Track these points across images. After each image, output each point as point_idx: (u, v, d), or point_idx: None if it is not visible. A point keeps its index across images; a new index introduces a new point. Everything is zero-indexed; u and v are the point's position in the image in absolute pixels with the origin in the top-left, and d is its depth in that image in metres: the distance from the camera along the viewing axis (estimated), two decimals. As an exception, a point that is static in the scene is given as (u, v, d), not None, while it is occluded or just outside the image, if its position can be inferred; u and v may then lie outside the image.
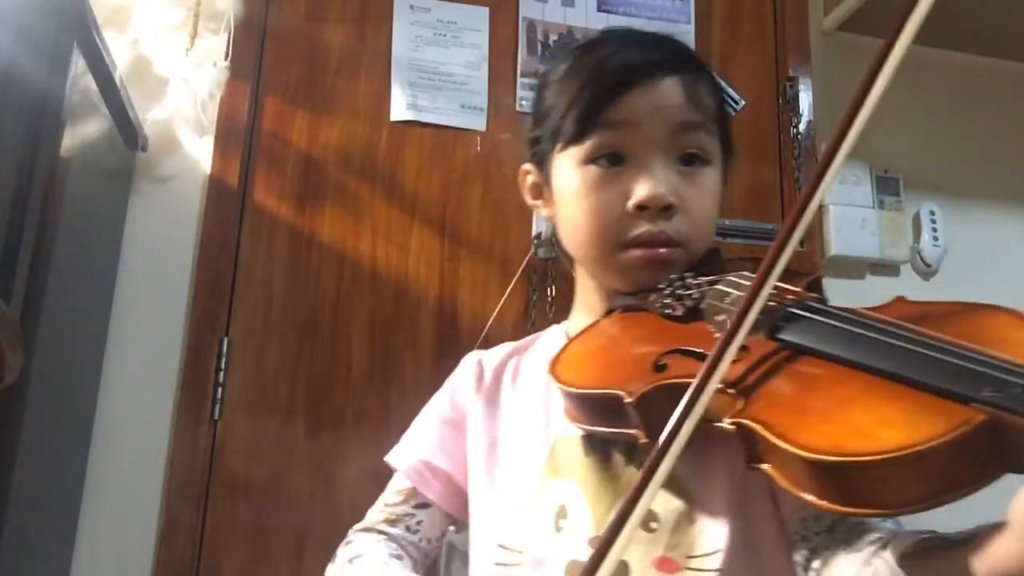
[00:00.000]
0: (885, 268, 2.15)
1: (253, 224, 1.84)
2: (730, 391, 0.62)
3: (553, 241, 1.91)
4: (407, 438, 0.95)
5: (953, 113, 2.28)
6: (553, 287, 1.90)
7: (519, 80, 2.01)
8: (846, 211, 2.11)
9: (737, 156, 0.90)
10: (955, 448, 0.51)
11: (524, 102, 2.00)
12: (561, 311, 1.89)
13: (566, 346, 0.80)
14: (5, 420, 1.20)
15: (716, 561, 0.71)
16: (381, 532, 0.89)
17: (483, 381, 0.91)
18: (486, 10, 2.04)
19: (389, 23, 1.99)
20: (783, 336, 0.65)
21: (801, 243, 0.70)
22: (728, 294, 0.72)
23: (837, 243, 2.08)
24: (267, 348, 1.79)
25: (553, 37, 2.05)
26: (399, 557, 0.85)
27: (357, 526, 0.92)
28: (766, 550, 0.73)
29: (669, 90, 0.80)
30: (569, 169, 0.83)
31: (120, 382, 1.70)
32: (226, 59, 1.85)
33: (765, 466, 0.60)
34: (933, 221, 2.17)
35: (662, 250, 0.80)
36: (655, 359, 0.70)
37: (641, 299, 0.79)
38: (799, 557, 0.71)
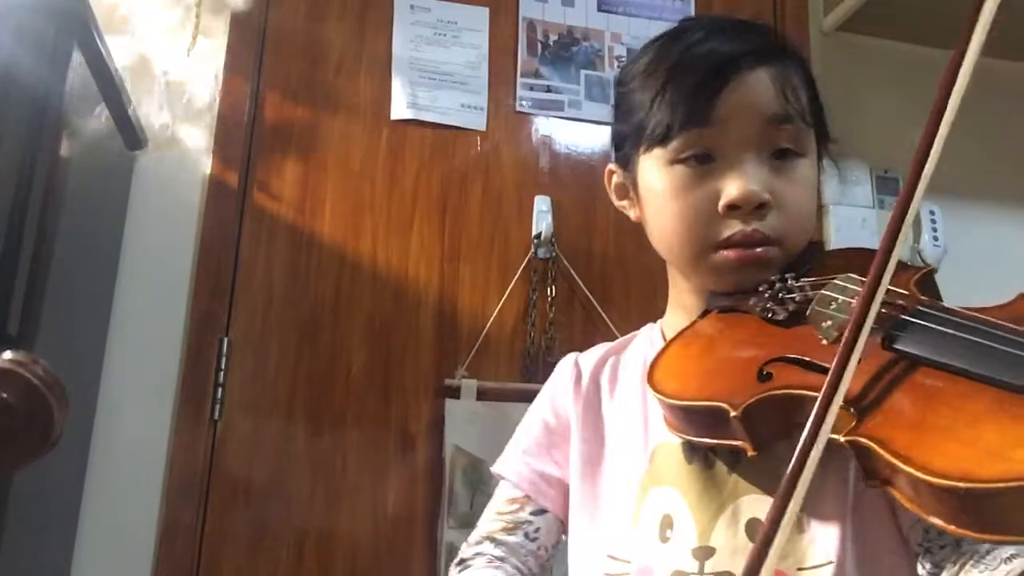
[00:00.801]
0: (885, 268, 2.15)
1: (253, 224, 1.84)
2: (846, 406, 0.58)
3: (552, 241, 1.92)
4: (513, 446, 0.92)
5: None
6: (553, 287, 1.90)
7: (519, 80, 2.01)
8: (846, 211, 2.11)
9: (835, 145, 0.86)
10: None
11: (524, 102, 2.01)
12: (561, 311, 1.90)
13: (663, 351, 0.76)
14: (5, 420, 1.20)
15: (828, 573, 0.68)
16: (498, 542, 0.86)
17: (581, 385, 0.89)
18: (486, 10, 2.04)
19: (389, 23, 1.99)
20: (899, 346, 0.61)
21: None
22: (835, 299, 0.68)
23: (837, 243, 2.08)
24: (267, 348, 1.79)
25: (553, 37, 2.05)
26: None
27: (472, 538, 0.89)
28: (881, 562, 0.69)
29: (757, 83, 0.76)
30: (656, 170, 0.80)
31: (120, 382, 1.70)
32: (227, 59, 1.85)
33: (882, 483, 0.56)
34: (933, 221, 2.17)
35: (758, 250, 0.76)
36: (759, 368, 0.66)
37: (740, 300, 0.76)
38: (923, 571, 0.67)
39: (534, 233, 1.91)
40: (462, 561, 0.87)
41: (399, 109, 1.95)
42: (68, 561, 1.59)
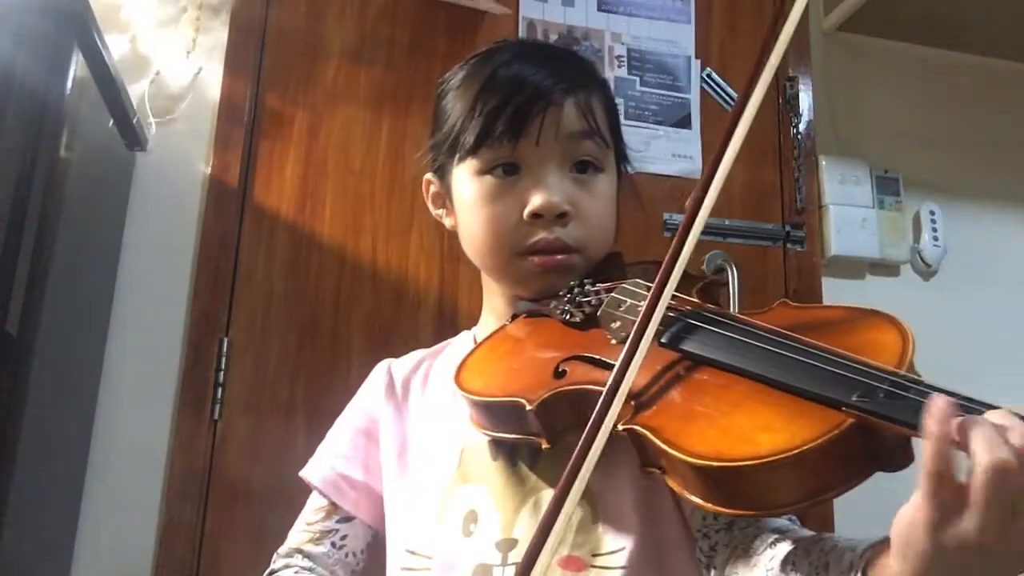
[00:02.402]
0: (885, 268, 2.15)
1: (253, 224, 1.84)
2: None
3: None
4: (321, 451, 0.95)
5: (953, 113, 2.28)
6: (553, 287, 1.90)
7: (519, 80, 2.01)
8: (846, 211, 2.11)
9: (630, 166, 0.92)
10: (828, 450, 0.54)
11: (524, 102, 2.00)
12: (561, 311, 1.90)
13: (470, 353, 0.82)
14: (5, 419, 1.20)
15: (621, 559, 0.73)
16: (305, 553, 0.89)
17: (393, 388, 0.93)
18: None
19: (389, 21, 1.99)
20: (673, 344, 0.68)
21: (801, 243, 0.71)
22: (623, 301, 0.75)
23: (837, 243, 2.08)
24: (267, 348, 1.79)
25: (553, 37, 2.05)
26: None
27: (281, 549, 0.93)
28: (671, 548, 0.75)
29: (560, 102, 0.82)
30: (466, 180, 0.85)
31: (120, 382, 1.70)
32: (227, 59, 1.85)
33: (656, 470, 0.63)
34: (933, 221, 2.17)
35: (559, 256, 0.82)
36: (555, 366, 0.72)
37: (543, 305, 0.82)
38: (700, 554, 0.72)
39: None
40: (272, 573, 0.90)
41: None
42: (68, 561, 1.59)
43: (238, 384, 1.76)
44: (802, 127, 2.10)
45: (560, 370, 0.72)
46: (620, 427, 0.63)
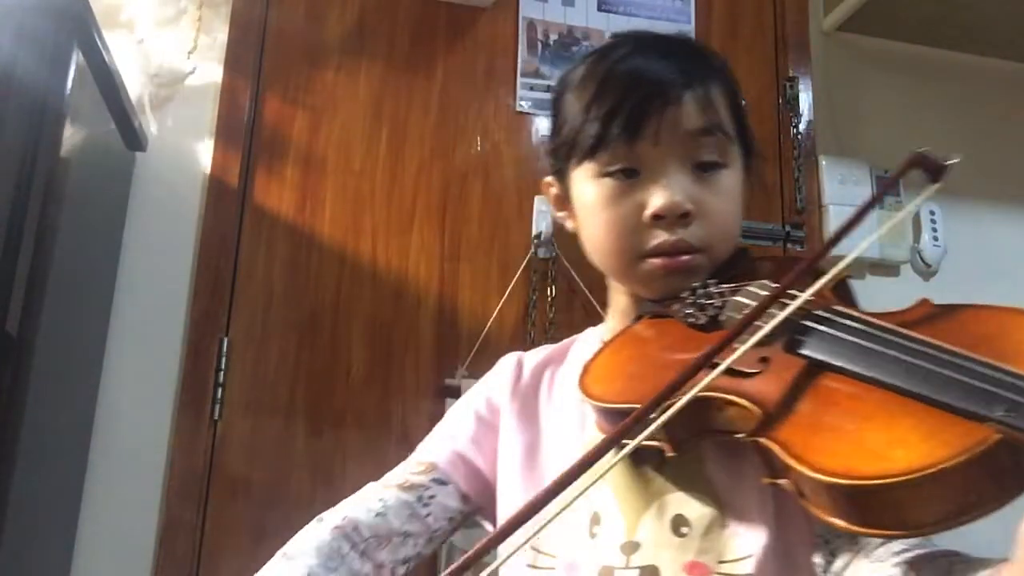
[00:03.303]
0: (885, 268, 2.15)
1: (253, 224, 1.84)
2: (748, 405, 0.62)
3: (553, 241, 1.92)
4: (439, 430, 0.92)
5: (953, 113, 2.28)
6: (553, 287, 1.90)
7: (519, 80, 2.01)
8: (846, 211, 2.10)
9: (760, 156, 0.89)
10: (970, 468, 0.50)
11: (524, 102, 2.01)
12: (561, 311, 1.90)
13: (595, 356, 0.79)
14: (5, 419, 1.20)
15: (748, 566, 0.71)
16: (382, 499, 0.86)
17: (520, 383, 0.90)
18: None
19: (390, 21, 1.99)
20: (801, 350, 0.64)
21: (801, 242, 0.71)
22: (748, 305, 0.71)
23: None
24: (267, 348, 1.79)
25: (553, 37, 2.05)
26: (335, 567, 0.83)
27: (371, 484, 0.90)
28: (799, 555, 0.72)
29: (679, 98, 0.79)
30: (586, 182, 0.83)
31: (120, 382, 1.70)
32: (227, 59, 1.85)
33: (784, 482, 0.59)
34: (933, 221, 2.17)
35: (683, 257, 0.79)
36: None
37: (666, 306, 0.79)
38: (819, 559, 0.70)
39: (534, 233, 1.91)
40: (328, 514, 0.88)
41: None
42: (68, 561, 1.59)
43: (238, 384, 1.76)
44: (802, 127, 2.10)
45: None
46: (746, 438, 0.61)
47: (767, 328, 0.61)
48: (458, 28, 2.03)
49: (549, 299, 1.89)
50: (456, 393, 1.76)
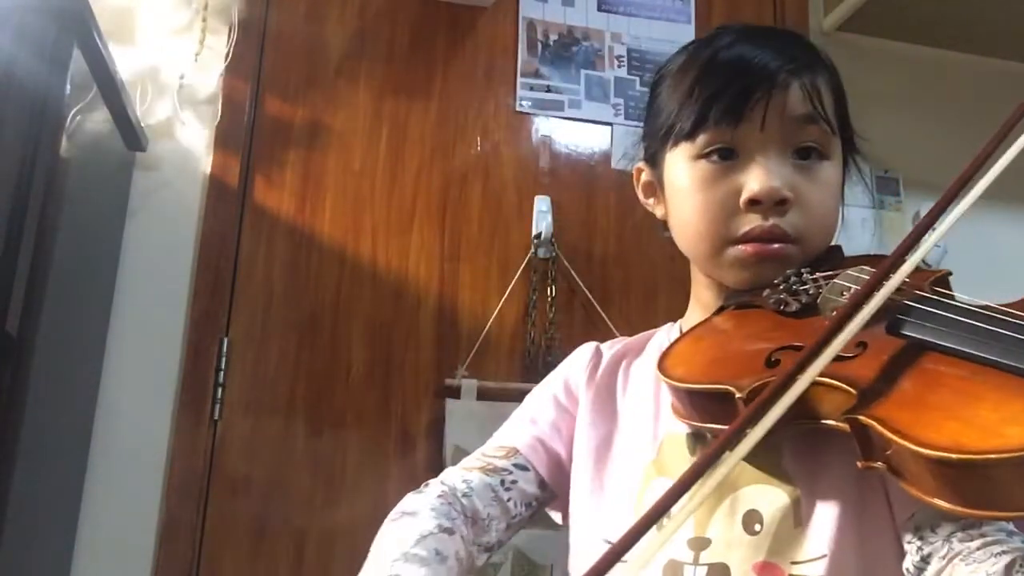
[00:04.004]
0: (885, 268, 2.15)
1: (253, 224, 1.84)
2: (846, 387, 0.59)
3: (552, 241, 1.92)
4: (519, 416, 0.91)
5: (953, 113, 2.28)
6: (553, 287, 1.90)
7: (519, 80, 2.01)
8: (846, 211, 2.09)
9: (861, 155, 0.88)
10: None
11: (524, 102, 2.01)
12: (561, 311, 1.90)
13: (676, 341, 0.78)
14: (5, 419, 1.20)
15: (821, 567, 0.68)
16: (468, 481, 0.83)
17: (597, 372, 0.89)
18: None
19: (389, 22, 1.99)
20: (903, 331, 0.62)
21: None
22: (847, 288, 0.69)
23: (836, 243, 2.08)
24: (267, 348, 1.79)
25: (553, 37, 2.05)
26: (449, 531, 0.77)
27: (452, 468, 0.87)
28: (877, 559, 0.69)
29: (784, 84, 0.77)
30: (680, 165, 0.81)
31: (120, 382, 1.70)
32: (227, 59, 1.85)
33: (880, 464, 0.57)
34: (933, 221, 2.17)
35: (775, 245, 0.76)
36: (768, 355, 0.67)
37: (755, 296, 0.76)
38: (909, 564, 0.66)
39: (534, 233, 1.91)
40: (426, 485, 0.85)
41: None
42: (68, 561, 1.59)
43: (238, 384, 1.76)
44: (802, 127, 2.10)
45: (773, 359, 0.66)
46: (842, 417, 0.58)
47: (872, 306, 0.57)
48: (458, 28, 2.03)
49: (549, 299, 1.89)
50: (456, 393, 1.77)
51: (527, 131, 2.01)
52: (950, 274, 0.74)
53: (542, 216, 1.92)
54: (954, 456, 0.51)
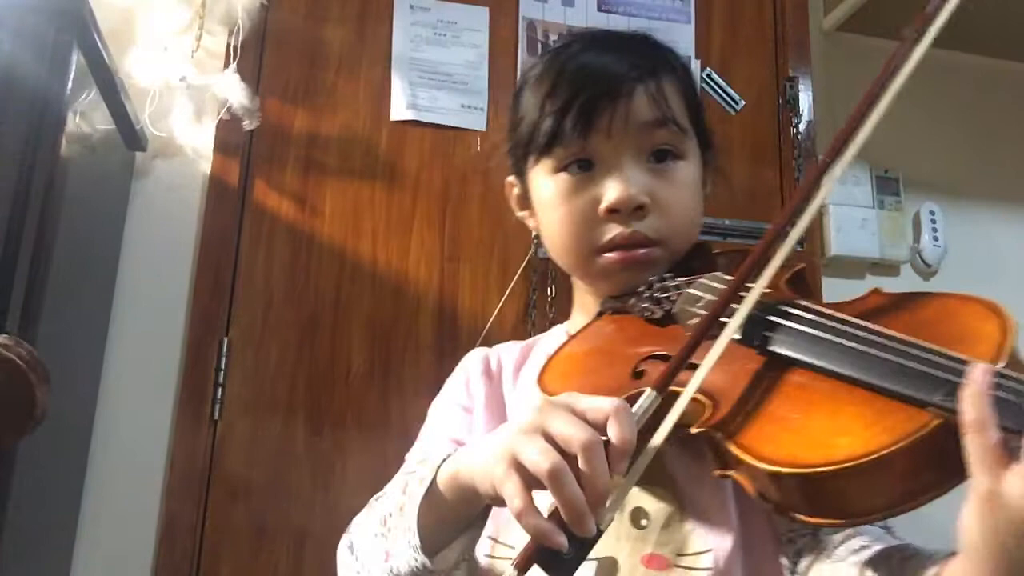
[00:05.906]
0: (885, 268, 2.16)
1: (253, 224, 1.84)
2: (701, 398, 0.61)
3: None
4: (429, 432, 0.92)
5: (953, 113, 2.28)
6: (553, 287, 1.89)
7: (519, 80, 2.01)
8: (846, 211, 2.11)
9: (722, 152, 0.89)
10: (912, 454, 0.50)
11: (524, 102, 2.00)
12: (561, 311, 1.89)
13: (555, 353, 0.80)
14: (5, 420, 1.20)
15: (707, 560, 0.70)
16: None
17: (491, 373, 0.91)
18: (486, 10, 2.04)
19: (389, 22, 1.99)
20: (754, 341, 0.64)
21: (800, 243, 0.71)
22: (700, 298, 0.72)
23: (837, 243, 2.08)
24: (267, 348, 1.79)
25: (553, 37, 2.05)
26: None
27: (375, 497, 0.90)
28: (759, 551, 0.72)
29: (630, 91, 0.80)
30: (542, 179, 0.84)
31: (120, 382, 1.70)
32: (230, 60, 1.85)
33: (734, 474, 0.59)
34: (933, 221, 2.17)
35: (639, 251, 0.79)
36: (634, 366, 0.69)
37: (624, 301, 0.79)
38: (785, 560, 0.70)
39: (534, 233, 1.91)
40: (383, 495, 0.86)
41: (399, 110, 1.95)
42: (68, 561, 1.59)
43: (238, 384, 1.76)
44: (802, 127, 2.10)
45: (638, 370, 0.69)
46: (695, 431, 0.60)
47: (733, 324, 0.60)
48: (458, 28, 2.02)
49: (549, 299, 1.89)
50: (456, 393, 1.77)
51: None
52: (803, 269, 0.76)
53: (542, 216, 1.92)
54: (788, 471, 0.53)
